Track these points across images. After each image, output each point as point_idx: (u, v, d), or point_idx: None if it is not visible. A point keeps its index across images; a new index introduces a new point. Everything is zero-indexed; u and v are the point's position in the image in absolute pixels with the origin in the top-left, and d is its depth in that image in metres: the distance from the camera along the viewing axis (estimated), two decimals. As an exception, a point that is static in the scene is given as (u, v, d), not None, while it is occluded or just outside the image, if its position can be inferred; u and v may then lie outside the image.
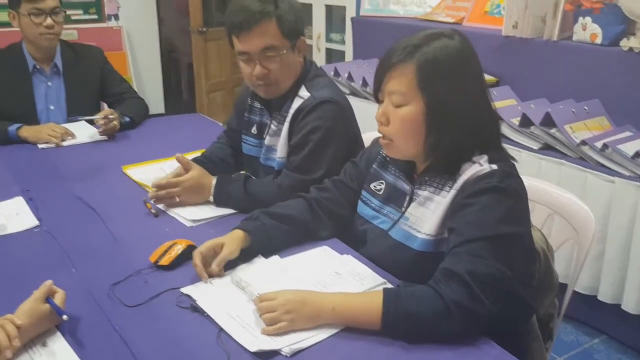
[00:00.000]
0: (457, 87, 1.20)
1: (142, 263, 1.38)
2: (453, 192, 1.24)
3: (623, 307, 2.21)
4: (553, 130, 2.38)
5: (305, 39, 1.70)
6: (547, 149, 2.43)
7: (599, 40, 2.49)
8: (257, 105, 1.83)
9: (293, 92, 1.70)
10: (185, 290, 1.27)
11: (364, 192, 1.46)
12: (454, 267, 1.12)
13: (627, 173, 2.17)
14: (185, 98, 6.07)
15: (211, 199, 1.69)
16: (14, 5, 2.35)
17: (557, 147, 2.39)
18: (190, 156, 1.81)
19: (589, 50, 2.51)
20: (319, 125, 1.62)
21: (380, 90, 1.26)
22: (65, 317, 1.11)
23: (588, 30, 2.52)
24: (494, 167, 1.21)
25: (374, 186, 1.44)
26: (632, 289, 2.17)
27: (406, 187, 1.36)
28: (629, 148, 2.18)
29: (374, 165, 1.46)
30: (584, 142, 2.29)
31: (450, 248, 1.17)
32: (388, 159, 1.42)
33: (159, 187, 1.67)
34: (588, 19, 2.50)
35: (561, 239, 1.59)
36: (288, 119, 1.70)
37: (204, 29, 4.55)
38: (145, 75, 4.79)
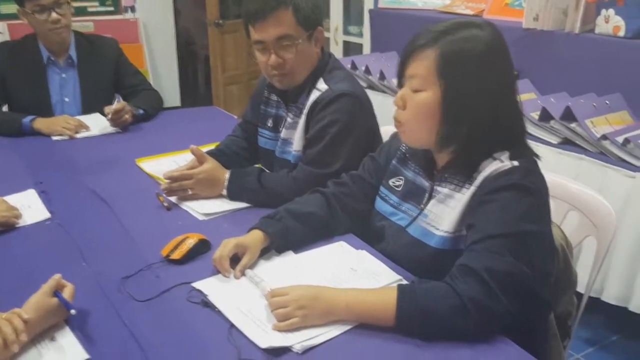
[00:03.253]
0: (478, 80, 1.16)
1: (153, 257, 1.37)
2: (473, 188, 1.21)
3: (631, 308, 2.14)
4: (573, 125, 2.32)
5: (322, 29, 1.67)
6: (566, 143, 2.37)
7: (622, 33, 2.42)
8: (274, 97, 1.81)
9: (310, 84, 1.68)
10: (196, 285, 1.26)
11: (382, 189, 1.43)
12: (471, 264, 1.09)
13: (650, 169, 2.11)
14: (202, 91, 6.07)
15: (224, 192, 1.67)
16: (20, 3, 2.33)
17: (577, 141, 2.33)
18: (204, 149, 1.80)
19: (611, 43, 2.44)
20: (336, 119, 1.60)
21: (403, 75, 1.24)
22: (73, 311, 1.10)
23: (611, 23, 2.45)
24: (515, 163, 1.18)
25: (393, 182, 1.41)
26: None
27: (425, 183, 1.33)
28: (653, 143, 2.12)
29: (393, 161, 1.43)
30: (604, 137, 2.24)
31: (469, 244, 1.14)
32: (408, 154, 1.39)
33: (171, 179, 1.66)
34: (611, 11, 2.44)
35: (580, 235, 1.55)
36: (305, 111, 1.67)
37: (221, 22, 4.52)
38: (162, 67, 4.79)
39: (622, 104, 2.43)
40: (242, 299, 1.21)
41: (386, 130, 1.76)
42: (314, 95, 1.66)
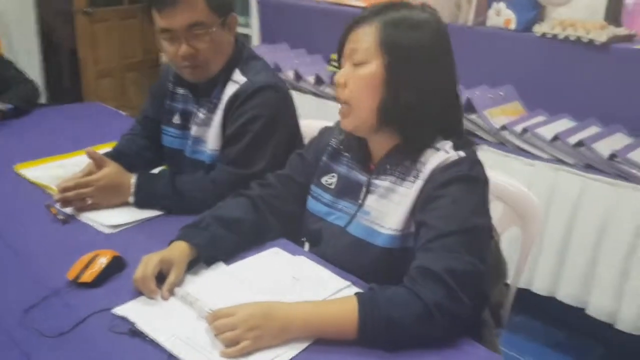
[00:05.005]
0: (421, 52, 1.12)
1: (58, 281, 1.16)
2: (420, 182, 1.14)
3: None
4: (473, 116, 2.37)
5: (236, 15, 1.52)
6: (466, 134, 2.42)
7: (512, 26, 2.52)
8: (180, 91, 1.63)
9: (224, 76, 1.52)
10: (118, 311, 1.07)
11: (314, 187, 1.33)
12: (430, 265, 1.03)
13: (545, 156, 2.21)
14: (67, 86, 5.55)
15: (131, 199, 1.47)
16: None
17: (477, 132, 2.39)
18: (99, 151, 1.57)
19: (503, 36, 2.54)
20: (259, 114, 1.46)
21: (342, 54, 1.18)
22: None
23: (502, 16, 2.54)
24: (462, 154, 1.14)
25: (325, 180, 1.31)
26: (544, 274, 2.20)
27: (361, 177, 1.25)
28: (547, 132, 2.23)
29: (323, 158, 1.33)
30: (504, 127, 2.31)
31: (423, 243, 1.08)
32: (342, 147, 1.30)
33: (66, 189, 1.43)
34: (502, 4, 2.53)
35: (504, 226, 1.56)
36: (221, 106, 1.51)
37: (90, 10, 4.14)
38: (23, 61, 4.27)
39: (514, 95, 2.54)
40: (176, 323, 1.05)
41: (306, 124, 1.66)
42: (231, 88, 1.51)
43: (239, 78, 1.51)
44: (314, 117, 1.66)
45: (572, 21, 2.35)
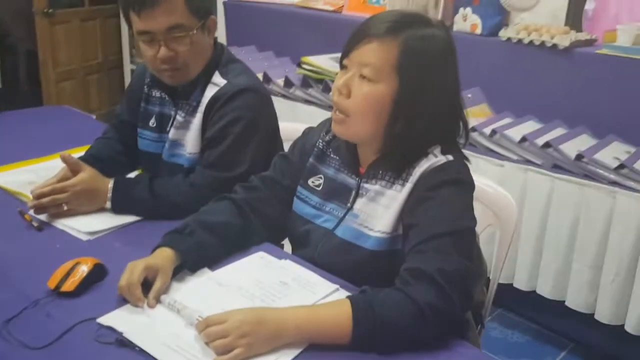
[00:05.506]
0: (436, 79, 1.12)
1: (37, 291, 1.12)
2: (409, 185, 1.16)
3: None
4: (443, 118, 2.41)
5: (215, 18, 1.51)
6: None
7: (479, 31, 2.57)
8: (156, 94, 1.60)
9: (204, 79, 1.50)
10: (103, 320, 1.05)
11: (300, 189, 1.32)
12: (422, 267, 1.04)
13: (514, 157, 2.27)
14: (24, 89, 5.38)
15: (108, 205, 1.44)
16: None
17: (447, 134, 2.43)
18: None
19: (469, 40, 2.58)
20: (239, 116, 1.45)
21: (349, 57, 1.14)
22: None
23: (468, 21, 2.59)
24: (450, 157, 1.16)
25: (312, 182, 1.31)
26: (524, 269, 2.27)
27: (350, 180, 1.25)
28: (515, 133, 2.28)
29: (310, 159, 1.32)
30: (473, 129, 2.35)
31: (414, 245, 1.09)
32: (330, 150, 1.30)
33: (41, 195, 1.38)
34: (468, 10, 2.58)
35: (481, 226, 1.59)
36: (201, 109, 1.50)
37: (50, 11, 4.02)
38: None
39: (481, 98, 2.58)
40: (165, 331, 1.03)
41: (284, 127, 1.66)
42: (211, 90, 1.49)
43: (218, 80, 1.50)
44: (283, 119, 1.65)
45: (537, 26, 2.41)
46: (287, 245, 1.45)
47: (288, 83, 2.91)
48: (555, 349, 2.36)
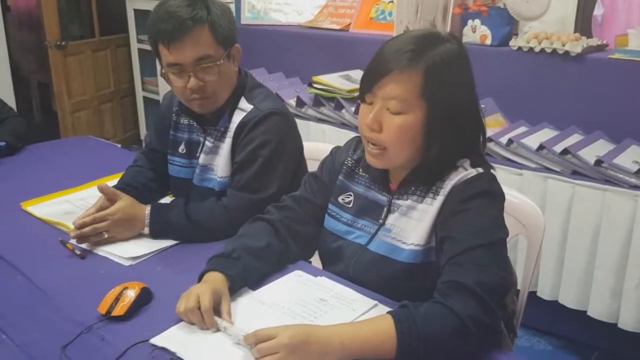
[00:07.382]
0: (459, 93, 1.16)
1: (89, 317, 1.16)
2: (441, 197, 1.19)
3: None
4: (459, 130, 2.44)
5: (239, 46, 1.56)
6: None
7: (489, 41, 2.61)
8: (185, 121, 1.65)
9: (231, 105, 1.55)
10: (156, 341, 1.08)
11: (332, 207, 1.36)
12: (461, 279, 1.06)
13: (533, 165, 2.29)
14: (38, 120, 5.47)
15: (146, 230, 1.48)
16: None
17: (464, 145, 2.46)
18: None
19: (480, 51, 2.62)
20: (268, 139, 1.50)
21: (371, 92, 1.17)
22: None
23: (478, 32, 2.64)
24: (480, 170, 1.20)
25: (342, 199, 1.35)
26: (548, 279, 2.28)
27: (381, 197, 1.29)
28: (532, 141, 2.31)
29: (340, 177, 1.36)
30: (489, 139, 2.39)
31: (450, 257, 1.12)
32: (360, 169, 1.34)
33: (83, 225, 1.43)
34: (477, 21, 2.62)
35: (509, 236, 1.61)
36: (230, 134, 1.54)
37: (63, 43, 4.11)
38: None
39: (494, 108, 2.62)
40: (216, 350, 1.06)
41: (307, 147, 1.70)
42: (239, 115, 1.54)
43: (245, 106, 1.55)
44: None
45: (547, 34, 2.45)
46: (315, 262, 1.48)
47: (300, 103, 2.96)
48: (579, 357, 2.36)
